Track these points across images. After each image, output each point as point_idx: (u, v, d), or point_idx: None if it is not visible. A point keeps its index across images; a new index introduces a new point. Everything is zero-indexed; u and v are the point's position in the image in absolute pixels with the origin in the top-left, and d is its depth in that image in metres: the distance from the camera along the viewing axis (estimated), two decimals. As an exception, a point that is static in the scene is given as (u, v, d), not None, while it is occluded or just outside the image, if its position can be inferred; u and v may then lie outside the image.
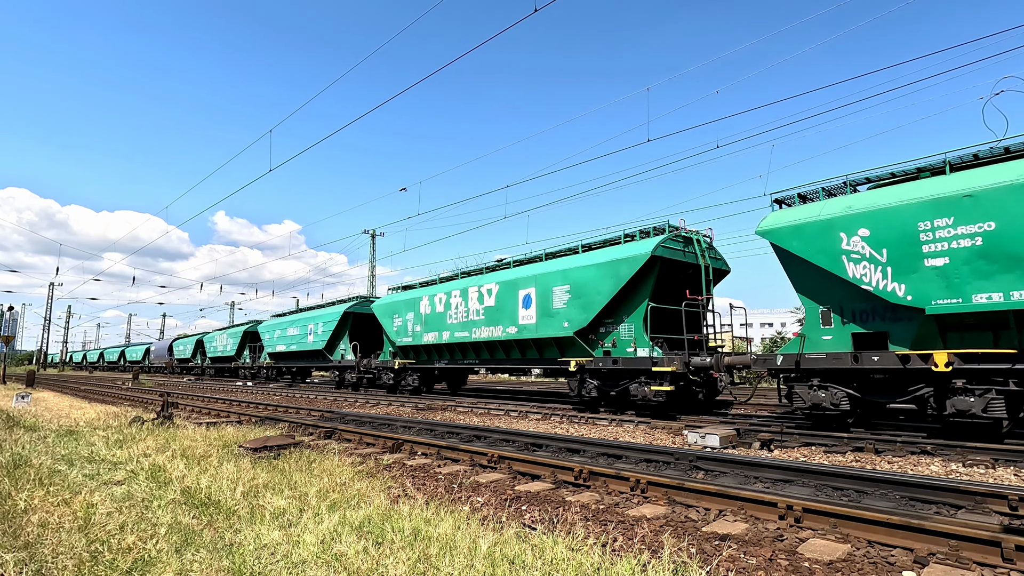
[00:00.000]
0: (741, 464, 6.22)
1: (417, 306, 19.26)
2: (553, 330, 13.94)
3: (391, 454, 8.02)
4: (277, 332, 30.31)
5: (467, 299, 17.09)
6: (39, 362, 73.10)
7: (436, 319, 18.27)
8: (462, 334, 17.12)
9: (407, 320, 19.60)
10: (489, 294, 16.36)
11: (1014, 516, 4.56)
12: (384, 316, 21.08)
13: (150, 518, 4.16)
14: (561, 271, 14.04)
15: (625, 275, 12.38)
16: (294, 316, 29.72)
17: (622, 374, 12.78)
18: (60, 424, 10.27)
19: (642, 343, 12.33)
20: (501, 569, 3.16)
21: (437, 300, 18.28)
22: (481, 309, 16.51)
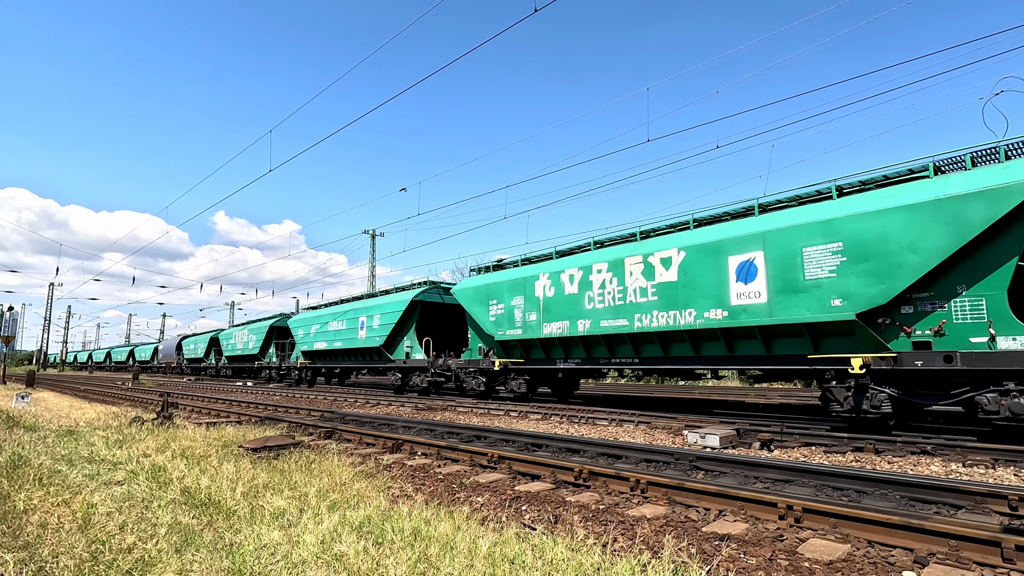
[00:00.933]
0: (741, 464, 6.22)
1: (531, 287, 14.61)
2: (807, 311, 9.38)
3: (391, 454, 8.02)
4: (315, 327, 26.22)
5: (622, 275, 12.41)
6: (39, 362, 73.10)
7: (566, 304, 13.62)
8: (615, 323, 12.47)
9: (514, 307, 14.93)
10: (667, 265, 11.65)
11: (1014, 516, 4.56)
12: (475, 303, 16.33)
13: (150, 518, 4.16)
14: (821, 222, 9.37)
15: (975, 221, 7.80)
16: (337, 308, 25.34)
17: (960, 378, 8.23)
18: (60, 424, 10.27)
19: (1007, 327, 7.70)
20: (501, 569, 3.16)
21: (566, 278, 13.66)
22: (651, 287, 11.82)
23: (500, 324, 15.43)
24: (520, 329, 14.75)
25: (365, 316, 22.49)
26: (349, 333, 23.43)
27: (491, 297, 15.82)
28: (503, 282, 15.55)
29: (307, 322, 27.28)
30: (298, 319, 28.54)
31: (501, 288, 15.58)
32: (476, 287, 16.54)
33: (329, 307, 26.93)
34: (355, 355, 23.77)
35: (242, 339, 35.85)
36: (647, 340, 12.09)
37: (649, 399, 17.92)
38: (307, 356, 27.13)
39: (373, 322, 21.80)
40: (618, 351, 12.80)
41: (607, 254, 12.83)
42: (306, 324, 27.27)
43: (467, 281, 17.34)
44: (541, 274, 14.38)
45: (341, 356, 24.84)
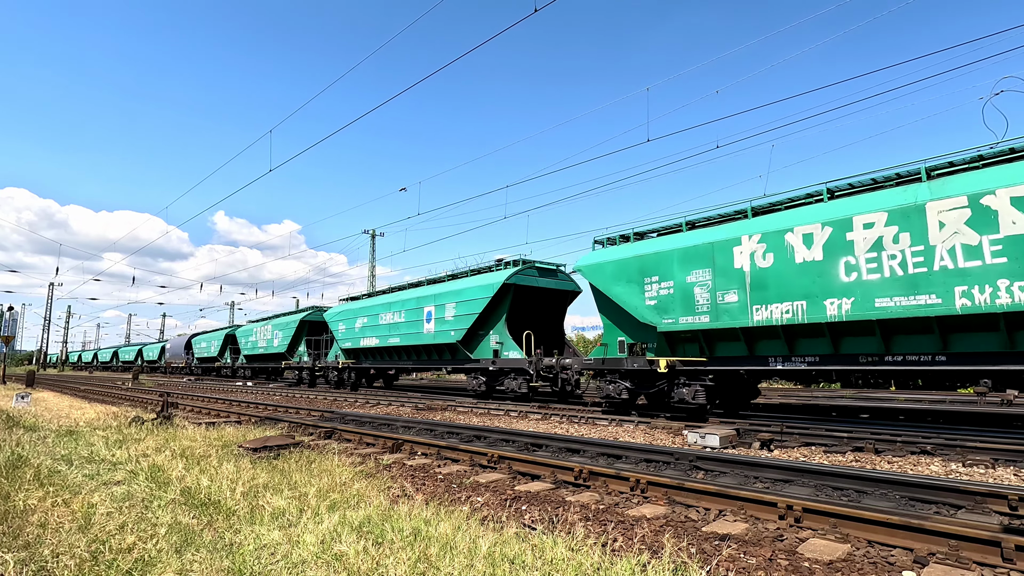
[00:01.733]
0: (741, 464, 6.22)
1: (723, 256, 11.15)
2: None
3: (391, 454, 8.02)
4: (361, 320, 22.40)
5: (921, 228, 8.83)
6: (39, 362, 73.09)
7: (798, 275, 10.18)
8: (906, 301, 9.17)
9: (692, 284, 11.24)
10: None
11: (1014, 516, 4.56)
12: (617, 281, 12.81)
13: (150, 518, 4.16)
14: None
15: None
16: (392, 296, 21.48)
17: None
18: (60, 424, 10.27)
19: None
20: (501, 569, 3.16)
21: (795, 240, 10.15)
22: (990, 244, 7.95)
23: (665, 309, 11.08)
24: (706, 314, 10.45)
25: (433, 306, 18.46)
26: (410, 327, 19.60)
27: (647, 272, 11.52)
28: (670, 252, 11.20)
29: (350, 315, 23.27)
30: (338, 311, 24.60)
31: (666, 260, 11.23)
32: (619, 260, 12.18)
33: (378, 295, 23.33)
34: (418, 353, 19.77)
35: (264, 336, 31.50)
36: (972, 326, 7.85)
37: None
38: (350, 355, 23.49)
39: (445, 312, 17.91)
40: (899, 344, 8.55)
41: (883, 200, 8.72)
42: (349, 317, 23.32)
43: (599, 254, 12.92)
44: (745, 236, 10.03)
45: (398, 354, 20.91)
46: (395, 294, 21.78)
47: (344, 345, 23.59)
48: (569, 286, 18.27)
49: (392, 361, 21.64)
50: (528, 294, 17.10)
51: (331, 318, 24.92)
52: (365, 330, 22.21)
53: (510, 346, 16.16)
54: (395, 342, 20.33)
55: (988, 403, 13.62)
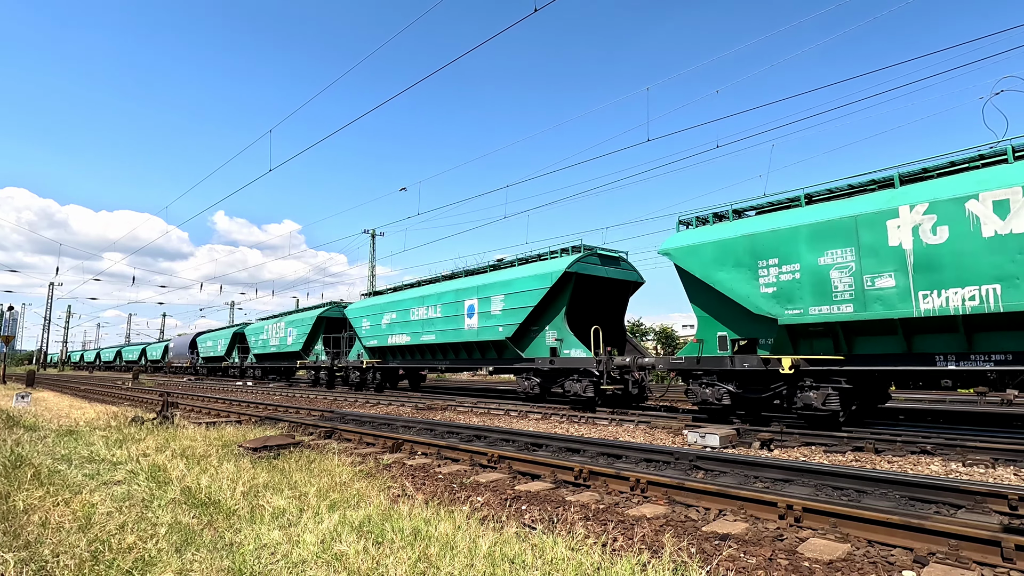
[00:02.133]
0: (741, 464, 6.22)
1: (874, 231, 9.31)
2: None
3: (391, 454, 8.02)
4: (388, 316, 20.39)
5: None
6: (39, 362, 73.08)
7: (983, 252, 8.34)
8: None
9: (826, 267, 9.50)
10: None
11: (1014, 516, 4.56)
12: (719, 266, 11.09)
13: (150, 518, 4.16)
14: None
15: None
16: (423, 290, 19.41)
17: None
18: (60, 424, 10.27)
19: None
20: (501, 569, 3.16)
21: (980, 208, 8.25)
22: None
23: (789, 297, 9.40)
24: (848, 303, 8.75)
25: (476, 299, 16.60)
26: (448, 322, 17.64)
27: (762, 254, 9.85)
28: (794, 229, 9.47)
29: (376, 310, 21.30)
30: (362, 307, 22.70)
31: (789, 239, 9.52)
32: (722, 241, 10.45)
33: (407, 289, 21.24)
34: (456, 351, 17.83)
35: (277, 333, 29.47)
36: None
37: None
38: (375, 353, 21.52)
39: (491, 306, 15.96)
40: None
41: None
42: (374, 313, 21.35)
43: (693, 234, 11.18)
44: (905, 207, 8.26)
45: (432, 353, 18.90)
46: (428, 287, 19.53)
47: (369, 343, 21.49)
48: (633, 276, 16.11)
49: (425, 360, 19.49)
50: (590, 285, 15.00)
51: (354, 314, 22.82)
52: (393, 327, 20.11)
53: (571, 343, 13.99)
54: (430, 339, 18.24)
55: (988, 403, 13.62)
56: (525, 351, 15.31)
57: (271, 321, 31.33)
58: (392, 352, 20.95)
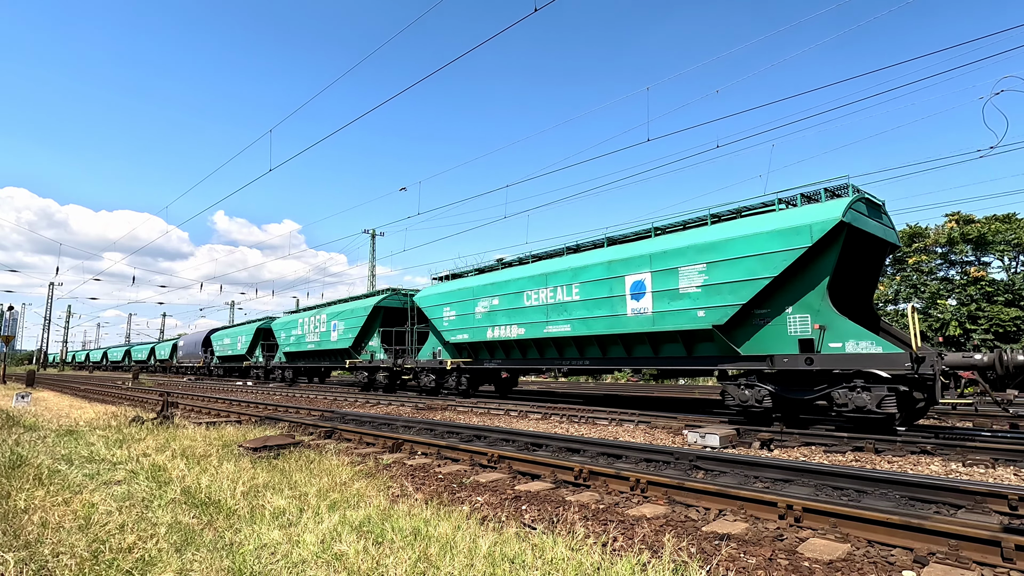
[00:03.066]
0: (741, 464, 6.22)
1: None
2: None
3: (391, 454, 8.02)
4: (486, 303, 15.78)
5: None
6: (39, 362, 73.08)
7: None
8: None
9: None
10: None
11: (1014, 516, 4.57)
12: None
13: (150, 518, 4.17)
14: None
15: None
16: (544, 267, 14.45)
17: None
18: (60, 424, 10.27)
19: None
20: (501, 569, 3.16)
21: None
22: None
23: None
24: None
25: (647, 273, 11.57)
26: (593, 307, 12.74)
27: None
28: None
29: (464, 296, 16.77)
30: (442, 293, 17.74)
31: None
32: None
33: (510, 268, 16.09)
34: (605, 346, 12.91)
35: (316, 328, 25.10)
36: None
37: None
38: (465, 351, 17.03)
39: (679, 281, 11.04)
40: None
41: None
42: (462, 300, 16.81)
43: None
44: None
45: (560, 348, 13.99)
46: (551, 262, 14.48)
47: (454, 338, 16.93)
48: (892, 236, 10.65)
49: (547, 359, 14.65)
50: (857, 245, 10.43)
51: (428, 302, 18.34)
52: (495, 316, 15.49)
53: (843, 331, 9.09)
54: (560, 331, 13.59)
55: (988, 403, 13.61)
56: (745, 344, 10.41)
57: (308, 314, 26.73)
58: (492, 348, 16.05)
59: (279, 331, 29.45)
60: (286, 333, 28.69)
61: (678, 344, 11.49)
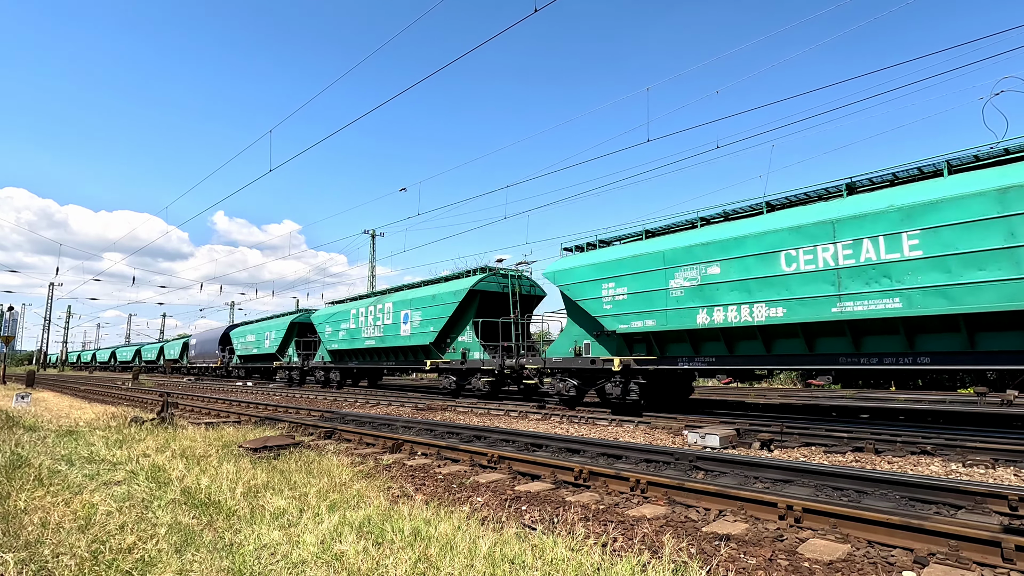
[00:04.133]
0: (741, 464, 6.22)
1: None
2: None
3: (391, 454, 8.02)
4: (684, 277, 10.72)
5: None
6: (39, 362, 73.05)
7: None
8: None
9: None
10: None
11: (1014, 516, 4.56)
12: None
13: (150, 518, 4.17)
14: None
15: None
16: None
17: None
18: (60, 424, 10.27)
19: None
20: (501, 569, 3.16)
21: None
22: None
23: None
24: None
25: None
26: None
27: None
28: None
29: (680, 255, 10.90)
30: (618, 256, 12.26)
31: None
32: None
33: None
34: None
35: (379, 319, 20.87)
36: None
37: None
38: (641, 343, 12.06)
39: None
40: None
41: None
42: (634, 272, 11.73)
43: None
44: None
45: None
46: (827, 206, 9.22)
47: (624, 326, 11.90)
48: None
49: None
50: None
51: (569, 278, 13.18)
52: (712, 292, 10.37)
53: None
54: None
55: (988, 403, 13.62)
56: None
57: (364, 303, 22.47)
58: (699, 339, 11.37)
59: (322, 325, 25.15)
60: (332, 327, 24.24)
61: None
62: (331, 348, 24.41)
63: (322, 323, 25.36)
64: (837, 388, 22.10)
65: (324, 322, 25.22)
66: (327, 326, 24.93)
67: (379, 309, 21.25)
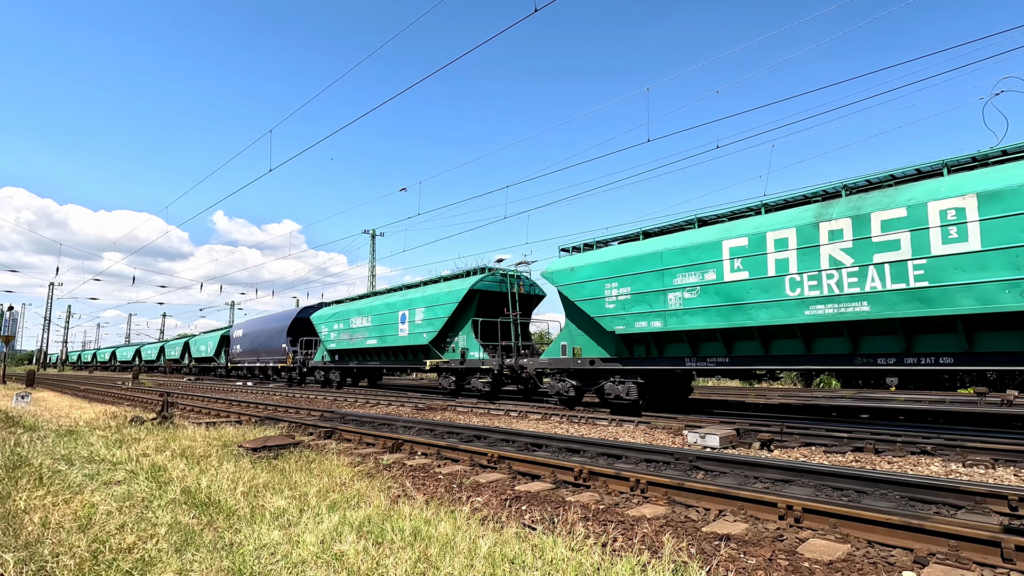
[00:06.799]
0: (741, 464, 6.22)
1: None
2: None
3: (391, 454, 8.02)
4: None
5: None
6: (39, 362, 73.03)
7: None
8: None
9: None
10: None
11: (1014, 516, 4.56)
12: None
13: (150, 518, 4.17)
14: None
15: None
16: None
17: None
18: (60, 424, 10.27)
19: None
20: (501, 569, 3.16)
21: None
22: None
23: None
24: None
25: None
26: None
27: None
28: None
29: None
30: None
31: None
32: None
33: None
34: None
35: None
36: None
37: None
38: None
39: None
40: None
41: None
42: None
43: None
44: None
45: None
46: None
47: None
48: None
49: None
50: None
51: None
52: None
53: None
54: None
55: (988, 403, 13.62)
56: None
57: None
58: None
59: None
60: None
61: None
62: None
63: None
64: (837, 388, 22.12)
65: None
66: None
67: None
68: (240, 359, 31.95)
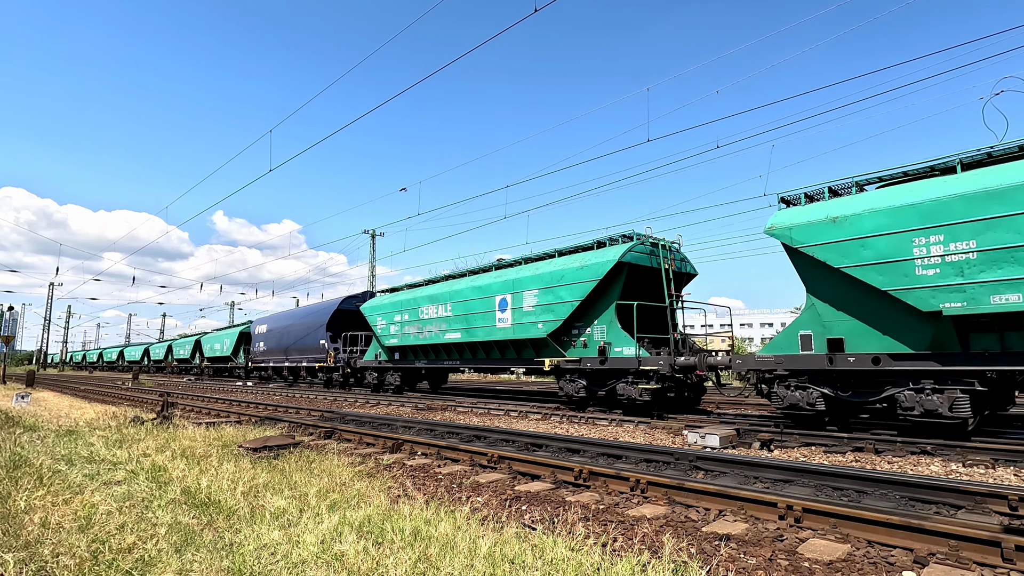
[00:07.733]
0: (741, 464, 6.22)
1: None
2: None
3: (391, 454, 8.02)
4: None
5: None
6: (39, 362, 73.02)
7: None
8: None
9: None
10: None
11: (1014, 516, 4.56)
12: None
13: (150, 518, 4.16)
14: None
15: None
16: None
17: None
18: (60, 424, 10.27)
19: None
20: (501, 569, 3.16)
21: None
22: None
23: None
24: None
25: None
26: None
27: None
28: None
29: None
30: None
31: None
32: None
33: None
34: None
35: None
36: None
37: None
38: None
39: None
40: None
41: None
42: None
43: None
44: None
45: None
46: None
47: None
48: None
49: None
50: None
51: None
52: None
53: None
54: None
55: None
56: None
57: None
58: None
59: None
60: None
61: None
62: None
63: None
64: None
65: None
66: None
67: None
68: (264, 358, 27.66)
